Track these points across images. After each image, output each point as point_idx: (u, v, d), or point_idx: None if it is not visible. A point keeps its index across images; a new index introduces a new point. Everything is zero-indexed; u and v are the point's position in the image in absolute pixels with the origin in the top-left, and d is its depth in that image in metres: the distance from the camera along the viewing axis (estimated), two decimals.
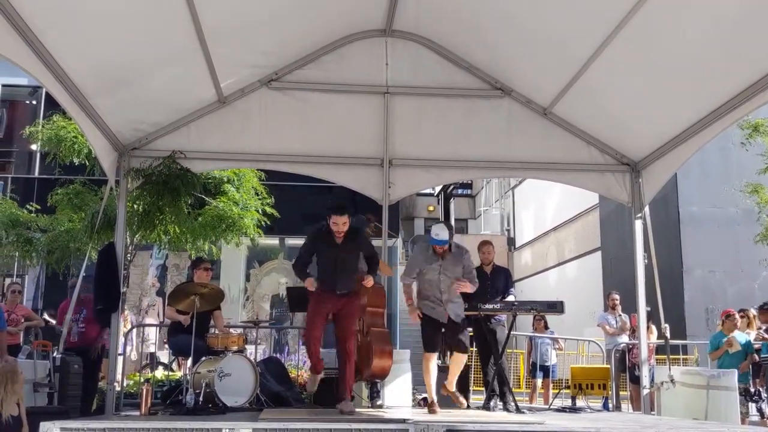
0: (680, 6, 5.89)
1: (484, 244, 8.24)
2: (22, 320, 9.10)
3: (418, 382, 8.80)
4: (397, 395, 7.62)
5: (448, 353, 8.01)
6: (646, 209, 8.37)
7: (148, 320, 13.95)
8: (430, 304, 6.77)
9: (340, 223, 6.29)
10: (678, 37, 6.23)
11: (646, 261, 8.23)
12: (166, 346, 10.48)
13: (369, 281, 6.52)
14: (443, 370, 7.30)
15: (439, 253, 6.75)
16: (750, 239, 12.71)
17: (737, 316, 8.88)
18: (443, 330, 6.79)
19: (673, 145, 7.64)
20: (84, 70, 6.38)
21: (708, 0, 5.70)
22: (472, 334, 7.79)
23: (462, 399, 7.00)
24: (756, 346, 8.66)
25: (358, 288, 6.63)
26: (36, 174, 18.80)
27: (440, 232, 6.67)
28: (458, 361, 6.86)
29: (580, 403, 9.03)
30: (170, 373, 10.44)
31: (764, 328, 8.79)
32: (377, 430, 4.99)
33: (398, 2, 7.64)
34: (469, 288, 6.81)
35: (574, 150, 8.46)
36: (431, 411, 6.45)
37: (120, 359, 8.46)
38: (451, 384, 6.91)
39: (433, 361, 6.79)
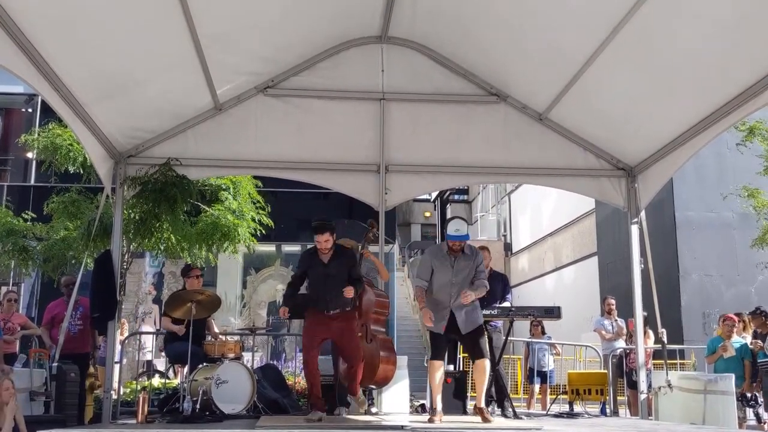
0: (675, 11, 5.90)
1: (480, 250, 8.23)
2: (19, 329, 9.07)
3: (416, 389, 8.80)
4: (395, 401, 7.61)
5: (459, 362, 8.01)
6: (643, 214, 8.39)
7: (145, 328, 13.91)
8: (436, 312, 6.44)
9: (322, 241, 6.43)
10: (673, 42, 6.25)
11: (642, 266, 8.23)
12: (163, 353, 10.44)
13: (349, 291, 6.41)
14: (452, 376, 7.29)
15: (456, 250, 6.43)
16: (746, 243, 12.72)
17: (736, 320, 8.87)
18: (459, 341, 6.56)
19: (668, 149, 7.65)
20: (80, 78, 6.39)
21: (703, 4, 5.72)
22: None
23: (489, 416, 6.34)
24: (751, 347, 8.64)
25: (351, 307, 6.66)
26: (32, 182, 18.77)
27: (460, 227, 6.41)
28: (480, 370, 6.31)
29: (577, 408, 9.05)
30: (167, 381, 10.39)
31: (758, 332, 8.78)
32: None
33: (394, 9, 7.66)
34: (474, 296, 6.39)
35: (570, 155, 8.47)
36: (430, 420, 6.27)
37: (117, 367, 8.44)
38: (480, 399, 6.36)
39: (439, 370, 6.43)
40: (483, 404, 6.38)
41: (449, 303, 6.39)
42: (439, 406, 6.35)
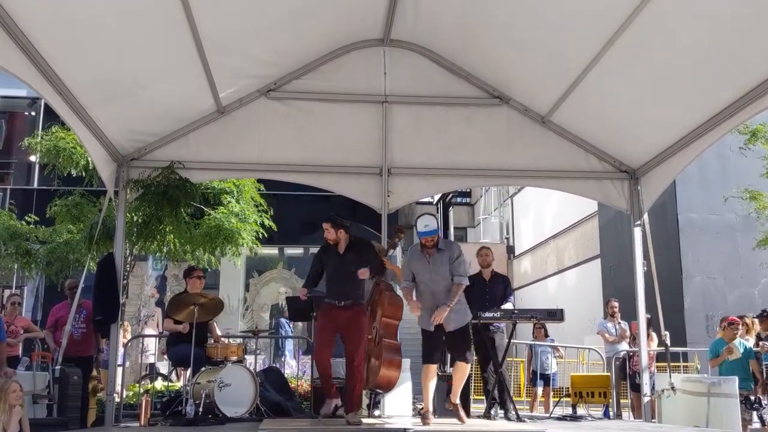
0: (677, 14, 5.90)
1: (482, 249, 8.27)
2: (22, 332, 9.08)
3: (419, 392, 8.78)
4: (398, 405, 7.59)
5: (448, 363, 7.98)
6: (645, 216, 8.38)
7: (147, 331, 13.91)
8: (424, 314, 6.52)
9: (324, 230, 6.54)
10: (675, 45, 6.25)
11: (645, 268, 8.22)
12: (165, 356, 10.44)
13: (363, 273, 6.50)
14: (443, 379, 7.26)
15: (429, 247, 6.50)
16: (749, 245, 12.70)
17: (739, 324, 8.84)
18: (444, 339, 6.59)
19: (671, 152, 7.65)
20: (83, 81, 6.40)
21: (705, 7, 5.72)
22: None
23: (463, 414, 6.64)
24: (757, 350, 8.62)
25: (365, 300, 6.73)
26: (35, 185, 18.82)
27: (429, 222, 6.46)
28: (460, 371, 6.59)
29: (580, 411, 9.02)
30: (170, 384, 10.40)
31: (765, 335, 8.75)
32: None
33: (396, 12, 7.66)
34: (446, 311, 6.35)
35: (572, 157, 8.47)
36: (424, 422, 6.31)
37: (119, 370, 8.44)
38: (455, 395, 6.63)
39: (432, 372, 6.55)
40: (458, 401, 6.61)
41: (434, 301, 6.47)
42: (431, 408, 6.47)
